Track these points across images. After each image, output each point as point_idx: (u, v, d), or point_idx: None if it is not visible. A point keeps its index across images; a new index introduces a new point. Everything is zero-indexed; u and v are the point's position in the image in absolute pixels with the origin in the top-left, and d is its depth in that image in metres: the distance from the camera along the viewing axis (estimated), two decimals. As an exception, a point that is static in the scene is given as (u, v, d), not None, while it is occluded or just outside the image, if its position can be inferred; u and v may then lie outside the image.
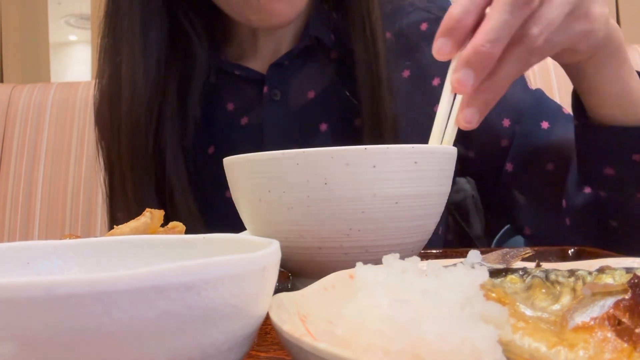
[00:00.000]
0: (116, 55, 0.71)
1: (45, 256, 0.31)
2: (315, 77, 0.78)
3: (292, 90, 0.78)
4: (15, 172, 1.35)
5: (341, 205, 0.40)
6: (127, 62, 0.70)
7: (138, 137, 0.71)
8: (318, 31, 0.76)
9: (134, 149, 0.71)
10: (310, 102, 0.77)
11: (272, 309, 0.26)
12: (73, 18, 6.35)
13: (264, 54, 0.80)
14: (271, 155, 0.41)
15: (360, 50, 0.72)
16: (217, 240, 0.31)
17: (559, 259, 0.51)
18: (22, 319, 0.18)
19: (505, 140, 0.74)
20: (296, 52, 0.77)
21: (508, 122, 0.74)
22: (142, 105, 0.70)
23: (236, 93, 0.80)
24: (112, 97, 0.72)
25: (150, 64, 0.71)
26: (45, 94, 1.39)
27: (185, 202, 0.71)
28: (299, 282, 0.45)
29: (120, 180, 0.72)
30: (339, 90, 0.76)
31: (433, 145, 0.44)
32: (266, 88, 0.77)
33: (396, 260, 0.28)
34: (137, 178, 0.71)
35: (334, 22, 0.77)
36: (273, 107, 0.77)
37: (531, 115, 0.73)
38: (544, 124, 0.72)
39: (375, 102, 0.71)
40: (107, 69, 0.73)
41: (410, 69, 0.77)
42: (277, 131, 0.77)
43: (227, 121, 0.79)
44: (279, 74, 0.78)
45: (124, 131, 0.71)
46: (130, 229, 0.41)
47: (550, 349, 0.23)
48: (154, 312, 0.19)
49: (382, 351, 0.22)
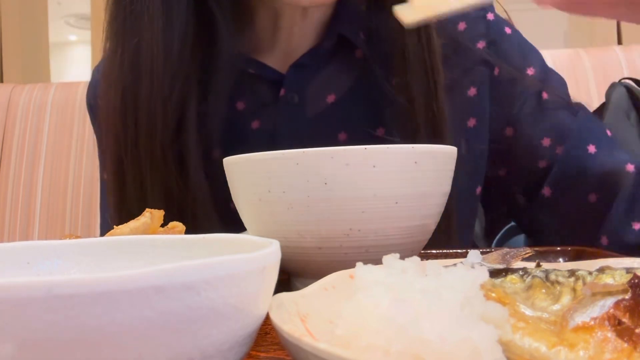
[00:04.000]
0: (132, 37, 0.62)
1: (45, 256, 0.31)
2: (336, 79, 0.71)
3: (311, 94, 0.71)
4: (15, 172, 1.35)
5: (341, 205, 0.40)
6: (147, 42, 0.61)
7: (156, 141, 0.62)
8: (344, 28, 0.69)
9: (153, 153, 0.62)
10: (329, 107, 0.71)
11: (272, 309, 0.26)
12: (73, 18, 6.36)
13: (283, 48, 0.71)
14: (271, 155, 0.41)
15: (413, 46, 0.65)
16: (217, 240, 0.31)
17: (559, 259, 0.51)
18: (22, 319, 0.18)
19: (543, 162, 0.69)
20: (320, 51, 0.70)
21: (548, 141, 0.68)
22: (164, 100, 0.62)
23: (248, 91, 0.72)
24: (127, 84, 0.63)
25: (172, 47, 0.62)
26: (45, 94, 1.39)
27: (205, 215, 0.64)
28: (299, 282, 0.45)
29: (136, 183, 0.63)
30: (361, 95, 0.70)
31: (433, 145, 0.44)
32: (283, 90, 0.70)
33: (396, 260, 0.28)
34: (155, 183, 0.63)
35: (365, 17, 0.69)
36: (289, 112, 0.70)
37: (576, 138, 0.68)
38: (590, 148, 0.67)
39: (430, 105, 0.64)
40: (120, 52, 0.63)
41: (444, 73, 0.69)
42: (291, 139, 0.69)
43: (236, 122, 0.71)
44: (299, 76, 0.70)
45: (142, 132, 0.62)
46: (130, 229, 0.41)
47: (550, 349, 0.23)
48: (154, 312, 0.19)
49: (382, 351, 0.22)
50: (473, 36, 0.72)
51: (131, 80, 0.62)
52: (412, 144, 0.41)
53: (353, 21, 0.70)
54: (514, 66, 0.71)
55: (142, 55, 0.61)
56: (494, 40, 0.72)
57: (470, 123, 0.71)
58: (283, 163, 0.41)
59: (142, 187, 0.63)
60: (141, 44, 0.62)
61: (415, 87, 0.65)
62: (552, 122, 0.69)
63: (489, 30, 0.72)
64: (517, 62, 0.71)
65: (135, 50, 0.62)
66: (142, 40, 0.61)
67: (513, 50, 0.72)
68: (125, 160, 0.64)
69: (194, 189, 0.64)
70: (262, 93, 0.71)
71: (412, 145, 0.41)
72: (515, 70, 0.71)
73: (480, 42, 0.71)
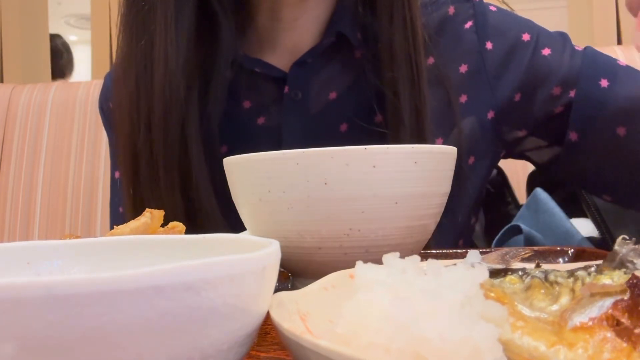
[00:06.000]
0: (145, 29, 0.65)
1: (45, 256, 0.31)
2: (337, 77, 0.74)
3: (314, 91, 0.74)
4: (15, 172, 1.35)
5: (341, 205, 0.40)
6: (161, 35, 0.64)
7: (170, 122, 0.65)
8: (343, 27, 0.72)
9: (166, 133, 0.65)
10: (331, 103, 0.74)
11: (272, 308, 0.26)
12: (73, 18, 6.35)
13: (285, 48, 0.75)
14: (271, 155, 0.41)
15: (399, 42, 0.67)
16: (217, 240, 0.31)
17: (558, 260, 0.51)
18: (22, 319, 0.18)
19: (559, 107, 0.69)
20: (320, 49, 0.73)
21: (559, 90, 0.69)
22: (176, 83, 0.64)
23: (254, 90, 0.75)
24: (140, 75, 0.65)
25: (182, 39, 0.65)
26: (45, 94, 1.39)
27: (208, 200, 0.66)
28: (299, 282, 0.45)
29: (149, 167, 0.65)
30: (360, 91, 0.72)
31: (433, 146, 0.44)
32: (287, 88, 0.73)
33: (396, 259, 0.28)
34: (169, 166, 0.65)
35: (361, 17, 0.72)
36: (293, 108, 0.73)
37: (586, 76, 0.68)
38: (603, 82, 0.67)
39: (414, 98, 0.67)
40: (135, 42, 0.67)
41: (434, 55, 0.72)
42: (296, 134, 0.72)
43: (243, 120, 0.74)
44: (302, 73, 0.73)
45: (157, 114, 0.64)
46: (130, 229, 0.41)
47: (549, 348, 0.23)
48: (154, 312, 0.19)
49: (382, 350, 0.22)
50: (461, 18, 0.75)
51: (144, 67, 0.65)
52: (411, 144, 0.41)
53: (351, 20, 0.72)
54: (507, 36, 0.73)
55: (155, 45, 0.65)
56: (481, 18, 0.74)
57: (461, 99, 0.73)
58: (283, 163, 0.41)
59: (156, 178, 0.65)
60: (154, 35, 0.65)
61: (401, 82, 0.67)
62: (558, 70, 0.70)
63: (475, 11, 0.75)
64: (508, 32, 0.74)
65: (148, 41, 0.65)
66: (154, 32, 0.65)
67: (502, 23, 0.75)
68: (139, 145, 0.66)
69: (196, 183, 0.66)
70: (267, 91, 0.74)
71: (412, 145, 0.41)
72: (509, 39, 0.73)
73: (469, 22, 0.74)
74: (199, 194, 0.66)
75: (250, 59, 0.73)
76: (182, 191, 0.66)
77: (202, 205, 0.66)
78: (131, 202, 0.68)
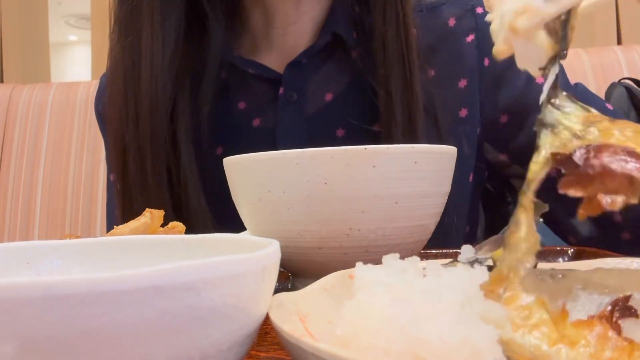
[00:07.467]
0: (135, 24, 0.67)
1: (45, 256, 0.31)
2: (333, 78, 0.73)
3: (309, 92, 0.73)
4: (15, 172, 1.35)
5: (341, 205, 0.40)
6: (147, 31, 0.66)
7: (157, 116, 0.66)
8: (339, 27, 0.71)
9: (153, 127, 0.66)
10: (327, 105, 0.73)
11: (272, 309, 0.26)
12: (73, 18, 6.36)
13: (280, 49, 0.74)
14: (271, 155, 0.41)
15: (392, 39, 0.67)
16: (217, 240, 0.31)
17: (558, 259, 0.51)
18: (22, 319, 0.18)
19: None
20: (315, 49, 0.72)
21: None
22: (163, 78, 0.65)
23: (249, 92, 0.74)
24: (128, 70, 0.67)
25: (169, 36, 0.66)
26: (45, 94, 1.39)
27: (197, 199, 0.67)
28: (299, 282, 0.45)
29: (137, 161, 0.66)
30: (357, 92, 0.72)
31: (433, 145, 0.44)
32: (282, 89, 0.72)
33: (396, 260, 0.28)
34: (156, 160, 0.66)
35: (356, 17, 0.72)
36: (288, 110, 0.72)
37: None
38: None
39: (407, 96, 0.67)
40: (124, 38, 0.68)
41: (435, 68, 0.72)
42: (291, 136, 0.72)
43: (238, 121, 0.74)
44: (296, 74, 0.73)
45: (143, 107, 0.65)
46: (130, 229, 0.41)
47: (551, 347, 0.23)
48: (154, 312, 0.19)
49: (382, 351, 0.22)
50: (463, 30, 0.74)
51: (131, 63, 0.67)
52: (412, 144, 0.41)
53: (347, 20, 0.72)
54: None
55: (141, 40, 0.66)
56: (483, 33, 0.73)
57: (462, 113, 0.73)
58: (283, 163, 0.41)
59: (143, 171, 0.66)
60: (141, 31, 0.66)
61: (394, 79, 0.67)
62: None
63: (477, 23, 0.73)
64: None
65: (135, 36, 0.67)
66: (141, 29, 0.66)
67: None
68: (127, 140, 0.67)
69: (185, 181, 0.67)
70: (262, 92, 0.74)
71: (412, 145, 0.41)
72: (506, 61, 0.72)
73: (470, 35, 0.73)
74: (187, 192, 0.67)
75: (245, 60, 0.74)
76: (170, 189, 0.67)
77: (190, 204, 0.66)
78: (121, 200, 0.69)
